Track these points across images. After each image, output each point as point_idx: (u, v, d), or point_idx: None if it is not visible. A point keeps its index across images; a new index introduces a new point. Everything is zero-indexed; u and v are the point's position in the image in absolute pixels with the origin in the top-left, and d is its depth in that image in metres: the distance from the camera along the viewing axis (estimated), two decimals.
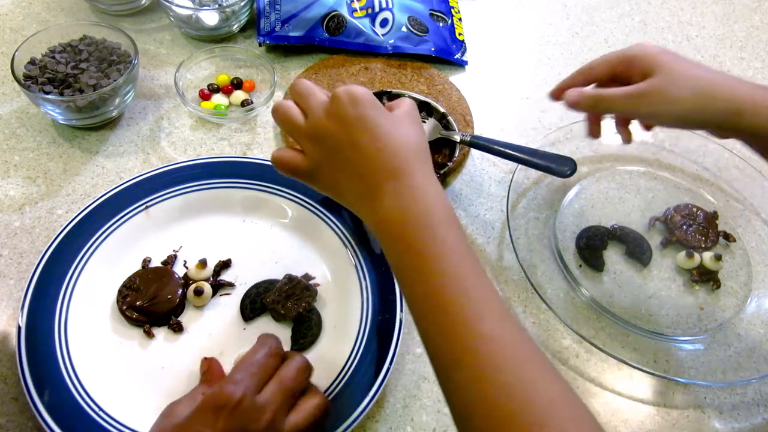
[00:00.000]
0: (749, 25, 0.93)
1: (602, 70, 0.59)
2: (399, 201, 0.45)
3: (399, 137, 0.47)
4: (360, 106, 0.47)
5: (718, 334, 0.61)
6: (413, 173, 0.46)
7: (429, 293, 0.43)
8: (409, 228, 0.44)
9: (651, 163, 0.74)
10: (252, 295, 0.59)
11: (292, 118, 0.50)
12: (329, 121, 0.48)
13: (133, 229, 0.61)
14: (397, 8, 0.81)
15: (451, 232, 0.44)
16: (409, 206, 0.45)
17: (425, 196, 0.45)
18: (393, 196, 0.45)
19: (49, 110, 0.67)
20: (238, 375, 0.44)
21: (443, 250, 0.43)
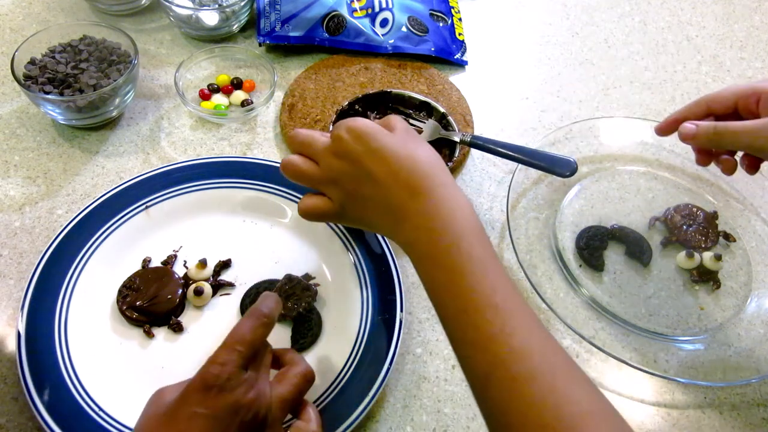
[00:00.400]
0: (749, 25, 0.93)
1: (726, 101, 0.55)
2: (421, 220, 0.46)
3: (409, 157, 0.47)
4: (364, 139, 0.48)
5: (718, 334, 0.61)
6: (432, 188, 0.46)
7: (459, 311, 0.43)
8: (433, 246, 0.45)
9: (651, 163, 0.74)
10: (252, 295, 0.59)
11: (303, 170, 0.51)
12: (340, 161, 0.48)
13: (133, 229, 0.61)
14: (397, 8, 0.81)
15: (476, 244, 0.44)
16: (431, 224, 0.45)
17: (447, 211, 0.45)
18: (415, 215, 0.46)
19: (49, 110, 0.67)
20: (224, 355, 0.43)
21: (470, 265, 0.43)
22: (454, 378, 0.57)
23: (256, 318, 0.46)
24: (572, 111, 0.79)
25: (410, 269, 0.63)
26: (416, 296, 0.62)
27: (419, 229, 0.46)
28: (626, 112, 0.80)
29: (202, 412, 0.41)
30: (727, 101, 0.55)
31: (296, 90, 0.76)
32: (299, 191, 0.64)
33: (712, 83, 0.85)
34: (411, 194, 0.46)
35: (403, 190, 0.46)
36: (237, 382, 0.42)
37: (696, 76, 0.85)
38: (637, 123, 0.75)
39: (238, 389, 0.42)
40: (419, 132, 0.71)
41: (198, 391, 0.41)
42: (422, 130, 0.71)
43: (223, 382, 0.42)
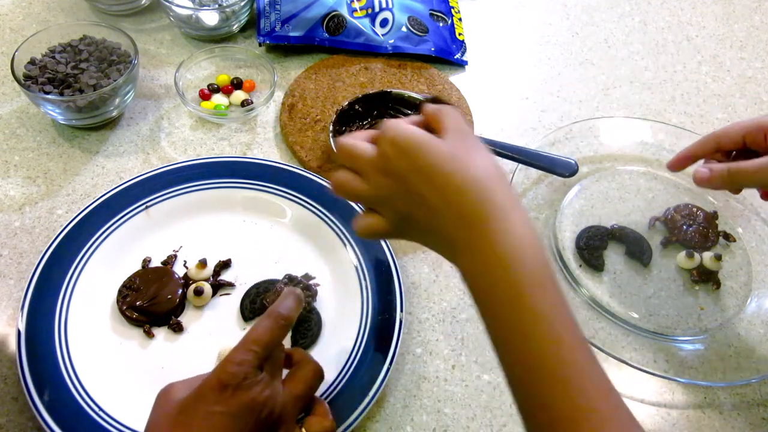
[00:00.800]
0: (749, 25, 0.93)
1: (734, 137, 0.56)
2: (476, 256, 0.40)
3: (462, 175, 0.41)
4: (409, 154, 0.41)
5: (718, 334, 0.61)
6: (488, 219, 0.40)
7: (520, 360, 0.39)
8: (491, 287, 0.40)
9: (651, 163, 0.74)
10: (252, 295, 0.59)
11: (352, 189, 0.45)
12: (386, 179, 0.43)
13: (133, 229, 0.61)
14: (397, 8, 0.81)
15: (540, 287, 0.39)
16: (487, 262, 0.40)
17: (505, 246, 0.39)
18: (469, 250, 0.41)
19: (49, 110, 0.67)
20: (241, 355, 0.43)
21: (532, 314, 0.38)
22: (454, 378, 0.57)
23: (273, 319, 0.45)
24: (572, 111, 0.79)
25: (410, 269, 0.63)
26: (416, 296, 0.62)
27: (473, 266, 0.41)
28: (626, 112, 0.80)
29: (218, 410, 0.41)
30: (735, 137, 0.56)
31: (296, 90, 0.76)
32: (299, 191, 0.64)
33: (712, 83, 0.85)
34: (464, 225, 0.40)
35: (456, 219, 0.41)
36: (253, 381, 0.42)
37: (696, 76, 0.85)
38: (637, 123, 0.75)
39: (254, 388, 0.42)
40: None
41: (214, 390, 0.41)
42: None
43: (240, 381, 0.42)
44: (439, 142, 0.42)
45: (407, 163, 0.41)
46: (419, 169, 0.41)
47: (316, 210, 0.63)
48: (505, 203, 0.41)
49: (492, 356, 0.58)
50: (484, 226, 0.40)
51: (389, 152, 0.42)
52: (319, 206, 0.63)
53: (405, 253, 0.65)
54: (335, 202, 0.63)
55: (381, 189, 0.43)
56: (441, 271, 0.64)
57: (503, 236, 0.39)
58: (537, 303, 0.38)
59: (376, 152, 0.43)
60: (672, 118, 0.80)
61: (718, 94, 0.83)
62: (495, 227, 0.40)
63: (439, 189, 0.41)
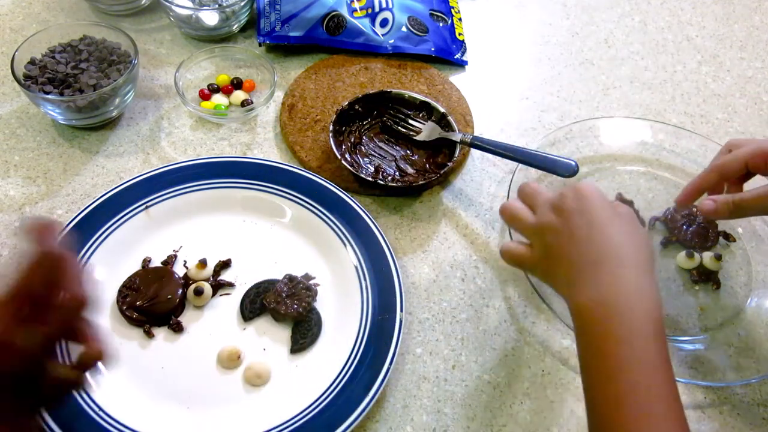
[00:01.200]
0: (749, 25, 0.93)
1: (736, 166, 0.57)
2: (597, 288, 0.45)
3: (614, 232, 0.48)
4: (584, 200, 0.49)
5: (718, 334, 0.61)
6: (620, 263, 0.46)
7: (608, 401, 0.42)
8: (600, 321, 0.44)
9: (651, 163, 0.74)
10: (252, 295, 0.59)
11: (520, 216, 0.53)
12: (553, 214, 0.50)
13: (133, 229, 0.61)
14: (397, 8, 0.81)
15: (648, 339, 0.43)
16: (606, 296, 0.45)
17: (627, 289, 0.45)
18: (593, 282, 0.46)
19: (49, 110, 0.67)
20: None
21: (631, 360, 0.42)
22: (454, 378, 0.57)
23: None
24: (572, 111, 0.79)
25: (410, 269, 0.64)
26: (416, 296, 0.62)
27: (590, 295, 0.45)
28: (626, 112, 0.80)
29: None
30: (737, 166, 0.57)
31: (296, 90, 0.76)
32: (299, 191, 0.64)
33: (712, 83, 0.85)
34: (596, 260, 0.46)
35: (591, 254, 0.47)
36: None
37: (696, 76, 0.85)
38: (637, 123, 0.76)
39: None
40: (418, 133, 0.71)
41: None
42: (421, 131, 0.71)
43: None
44: (612, 209, 0.49)
45: (578, 204, 0.49)
46: (584, 210, 0.49)
47: (316, 210, 0.63)
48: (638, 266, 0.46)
49: (492, 356, 0.59)
50: (612, 266, 0.46)
51: (568, 193, 0.50)
52: (319, 206, 0.63)
53: (405, 253, 0.65)
54: (335, 203, 0.63)
55: (543, 222, 0.50)
56: (441, 271, 0.64)
57: (626, 280, 0.45)
58: (639, 343, 0.42)
59: (557, 193, 0.51)
60: (672, 118, 0.80)
61: (718, 94, 0.83)
62: (624, 272, 0.45)
63: (591, 229, 0.48)
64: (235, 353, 0.55)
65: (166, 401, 0.53)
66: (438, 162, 0.70)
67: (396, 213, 0.67)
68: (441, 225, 0.67)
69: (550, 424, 0.55)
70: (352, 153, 0.70)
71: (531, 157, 0.66)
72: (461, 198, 0.70)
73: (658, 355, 0.43)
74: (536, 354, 0.59)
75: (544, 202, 0.51)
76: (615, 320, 0.44)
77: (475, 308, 0.62)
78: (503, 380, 0.57)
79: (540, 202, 0.52)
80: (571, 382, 0.58)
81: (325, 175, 0.67)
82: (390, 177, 0.68)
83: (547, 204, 0.51)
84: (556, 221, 0.49)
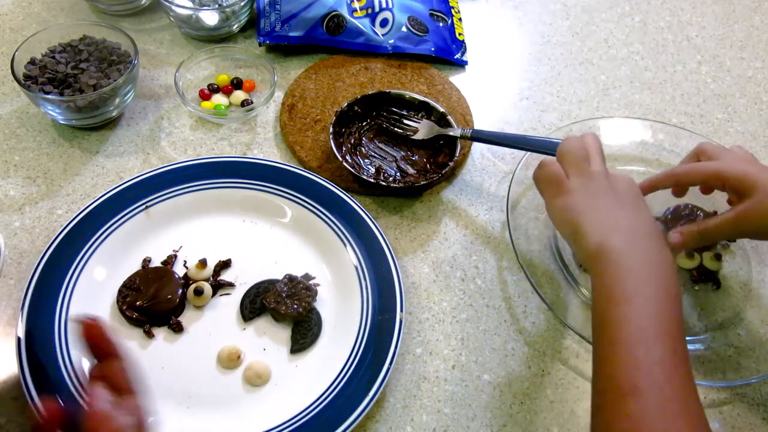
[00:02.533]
0: (749, 25, 0.93)
1: (694, 180, 0.60)
2: (621, 236, 0.49)
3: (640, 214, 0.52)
4: (620, 182, 0.54)
5: (718, 334, 0.61)
6: (646, 233, 0.50)
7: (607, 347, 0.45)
8: (611, 271, 0.48)
9: (651, 163, 0.74)
10: (252, 295, 0.59)
11: (578, 156, 0.55)
12: (602, 174, 0.54)
13: (133, 229, 0.61)
14: (397, 8, 0.81)
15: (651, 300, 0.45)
16: (628, 246, 0.48)
17: (641, 259, 0.48)
18: (621, 229, 0.49)
19: (49, 110, 0.67)
20: None
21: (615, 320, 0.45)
22: (454, 378, 0.57)
23: None
24: (572, 111, 0.79)
25: (410, 269, 0.64)
26: (416, 296, 0.62)
27: (618, 242, 0.49)
28: (626, 112, 0.80)
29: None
30: (695, 180, 0.60)
31: (296, 90, 0.76)
32: (299, 191, 0.64)
33: (712, 83, 0.85)
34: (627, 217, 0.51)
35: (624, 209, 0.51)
36: None
37: (696, 76, 0.85)
38: (637, 123, 0.76)
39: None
40: (415, 132, 0.71)
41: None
42: (418, 130, 0.71)
43: None
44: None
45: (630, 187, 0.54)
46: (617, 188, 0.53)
47: (316, 210, 0.63)
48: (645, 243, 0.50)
49: (492, 356, 0.58)
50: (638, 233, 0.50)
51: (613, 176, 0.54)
52: (319, 206, 0.63)
53: (405, 253, 0.65)
54: (335, 203, 0.63)
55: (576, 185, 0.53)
56: (441, 271, 0.64)
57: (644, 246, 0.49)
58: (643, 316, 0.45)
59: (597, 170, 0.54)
60: (672, 118, 0.80)
61: (718, 94, 0.83)
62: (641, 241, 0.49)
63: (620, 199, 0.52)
64: (235, 353, 0.55)
65: (166, 401, 0.53)
66: (439, 162, 0.70)
67: (396, 213, 0.67)
68: (441, 225, 0.67)
69: (550, 424, 0.55)
70: (352, 154, 0.70)
71: (533, 142, 0.66)
72: (461, 198, 0.70)
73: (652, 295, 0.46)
74: (536, 354, 0.59)
75: (581, 169, 0.54)
76: (628, 273, 0.47)
77: (475, 308, 0.62)
78: (503, 380, 0.57)
79: (584, 166, 0.54)
80: (571, 382, 0.58)
81: (325, 175, 0.67)
82: (391, 178, 0.68)
83: (579, 175, 0.54)
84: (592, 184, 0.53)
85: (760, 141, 0.78)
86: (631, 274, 0.47)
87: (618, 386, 0.42)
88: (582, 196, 0.52)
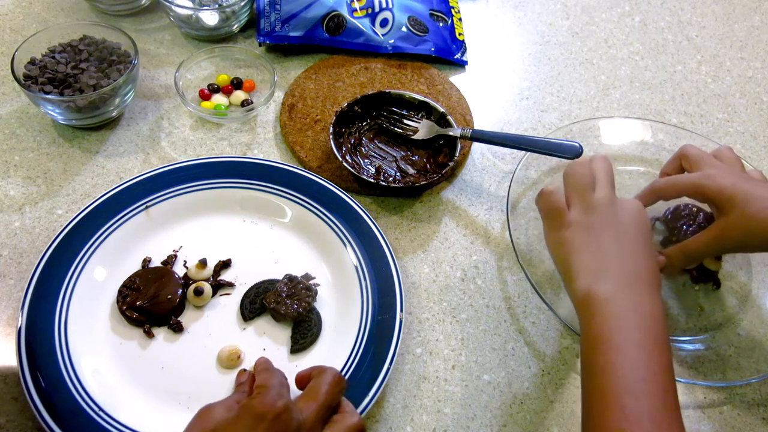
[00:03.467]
0: (749, 25, 0.93)
1: (673, 195, 0.59)
2: (612, 284, 0.48)
3: (640, 250, 0.50)
4: (623, 213, 0.52)
5: (718, 334, 0.61)
6: (639, 279, 0.49)
7: (600, 369, 0.45)
8: (605, 315, 0.47)
9: (651, 163, 0.74)
10: (252, 295, 0.59)
11: (556, 201, 0.53)
12: (606, 206, 0.52)
13: (133, 229, 0.61)
14: (397, 8, 0.81)
15: (640, 347, 0.45)
16: (617, 294, 0.47)
17: (634, 299, 0.47)
18: (610, 278, 0.48)
19: (49, 110, 0.67)
20: (276, 387, 0.45)
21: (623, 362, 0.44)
22: (454, 378, 0.57)
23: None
24: (572, 111, 0.79)
25: (410, 269, 0.64)
26: (416, 296, 0.62)
27: (605, 291, 0.48)
28: (626, 112, 0.80)
29: None
30: (674, 195, 0.59)
31: (296, 90, 0.76)
32: (299, 191, 0.64)
33: (712, 83, 0.85)
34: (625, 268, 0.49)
35: (623, 260, 0.49)
36: (288, 418, 0.43)
37: (696, 76, 0.85)
38: (637, 123, 0.76)
39: (288, 426, 0.42)
40: (415, 132, 0.71)
41: (250, 418, 0.42)
42: (418, 130, 0.71)
43: (276, 413, 0.42)
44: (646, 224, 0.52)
45: (615, 213, 0.51)
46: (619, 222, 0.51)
47: (316, 210, 0.63)
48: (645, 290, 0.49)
49: (492, 356, 0.58)
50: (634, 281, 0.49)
51: (617, 204, 0.52)
52: (319, 206, 0.63)
53: (405, 253, 0.65)
54: (335, 203, 0.63)
55: (581, 220, 0.52)
56: (441, 271, 0.64)
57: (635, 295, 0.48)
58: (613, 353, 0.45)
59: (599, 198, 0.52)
60: (672, 118, 0.80)
61: (718, 94, 0.83)
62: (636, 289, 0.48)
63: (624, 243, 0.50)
64: (235, 353, 0.55)
65: (166, 401, 0.53)
66: (439, 162, 0.70)
67: (396, 213, 0.67)
68: (441, 225, 0.67)
69: (550, 424, 0.55)
70: (352, 154, 0.70)
71: (534, 143, 0.66)
72: (461, 198, 0.70)
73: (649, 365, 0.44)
74: (536, 354, 0.59)
75: (582, 201, 0.52)
76: (615, 320, 0.46)
77: (475, 308, 0.62)
78: (503, 380, 0.57)
79: (580, 198, 0.52)
80: (571, 383, 0.58)
81: (325, 175, 0.67)
82: (391, 178, 0.68)
83: (581, 208, 0.52)
84: (597, 219, 0.51)
85: (760, 141, 0.78)
86: (618, 322, 0.46)
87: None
88: (579, 231, 0.51)
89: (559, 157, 0.66)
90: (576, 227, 0.51)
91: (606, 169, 0.54)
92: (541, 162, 0.71)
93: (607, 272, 0.48)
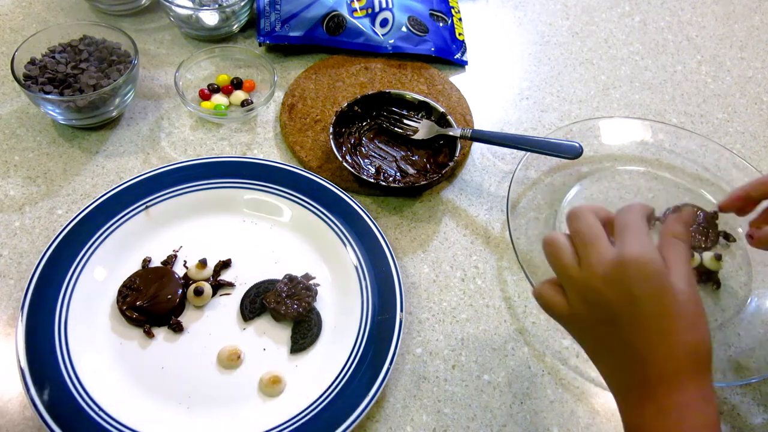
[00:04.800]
0: (749, 25, 0.93)
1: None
2: (662, 421, 0.39)
3: (689, 331, 0.41)
4: (654, 280, 0.40)
5: (718, 334, 0.61)
6: (687, 386, 0.40)
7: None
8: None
9: (651, 163, 0.74)
10: (252, 295, 0.59)
11: (563, 261, 0.44)
12: (607, 287, 0.41)
13: (133, 229, 0.61)
14: (397, 8, 0.81)
15: None
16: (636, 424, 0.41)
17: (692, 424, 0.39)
18: (657, 410, 0.40)
19: (49, 110, 0.67)
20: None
21: None
22: (454, 378, 0.57)
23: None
24: (572, 111, 0.79)
25: (410, 269, 0.64)
26: (416, 296, 0.62)
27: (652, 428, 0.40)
28: (626, 112, 0.80)
29: None
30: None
31: (296, 90, 0.76)
32: (299, 191, 0.64)
33: (712, 83, 0.85)
34: (662, 378, 0.40)
35: (658, 366, 0.40)
36: None
37: (696, 76, 0.85)
38: (637, 123, 0.76)
39: None
40: (415, 132, 0.71)
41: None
42: (418, 130, 0.71)
43: None
44: (668, 288, 0.40)
45: (649, 287, 0.40)
46: (661, 293, 0.40)
47: (316, 210, 0.63)
48: (703, 386, 0.41)
49: (492, 356, 0.59)
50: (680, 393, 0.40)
51: (631, 271, 0.40)
52: (319, 206, 0.63)
53: (405, 253, 0.65)
54: (335, 202, 0.63)
55: (591, 289, 0.42)
56: (441, 271, 0.64)
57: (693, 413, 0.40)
58: None
59: (614, 255, 0.42)
60: (672, 118, 0.80)
61: (718, 94, 0.83)
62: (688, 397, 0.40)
63: (665, 325, 0.40)
64: (235, 353, 0.55)
65: (166, 401, 0.53)
66: (439, 162, 0.70)
67: (396, 213, 0.67)
68: (441, 225, 0.67)
69: (550, 424, 0.55)
70: (352, 154, 0.70)
71: (533, 143, 0.66)
72: (461, 198, 0.70)
73: None
74: (536, 354, 0.59)
75: (598, 261, 0.42)
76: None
77: (475, 308, 0.62)
78: (503, 380, 0.57)
79: (593, 256, 0.42)
80: (571, 383, 0.58)
81: (325, 175, 0.67)
82: (391, 178, 0.68)
83: (600, 266, 0.42)
84: (611, 297, 0.41)
85: (760, 141, 0.78)
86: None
87: None
88: (576, 323, 0.45)
89: (559, 157, 0.66)
90: (574, 314, 0.44)
91: (636, 217, 0.44)
92: (541, 162, 0.71)
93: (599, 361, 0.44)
